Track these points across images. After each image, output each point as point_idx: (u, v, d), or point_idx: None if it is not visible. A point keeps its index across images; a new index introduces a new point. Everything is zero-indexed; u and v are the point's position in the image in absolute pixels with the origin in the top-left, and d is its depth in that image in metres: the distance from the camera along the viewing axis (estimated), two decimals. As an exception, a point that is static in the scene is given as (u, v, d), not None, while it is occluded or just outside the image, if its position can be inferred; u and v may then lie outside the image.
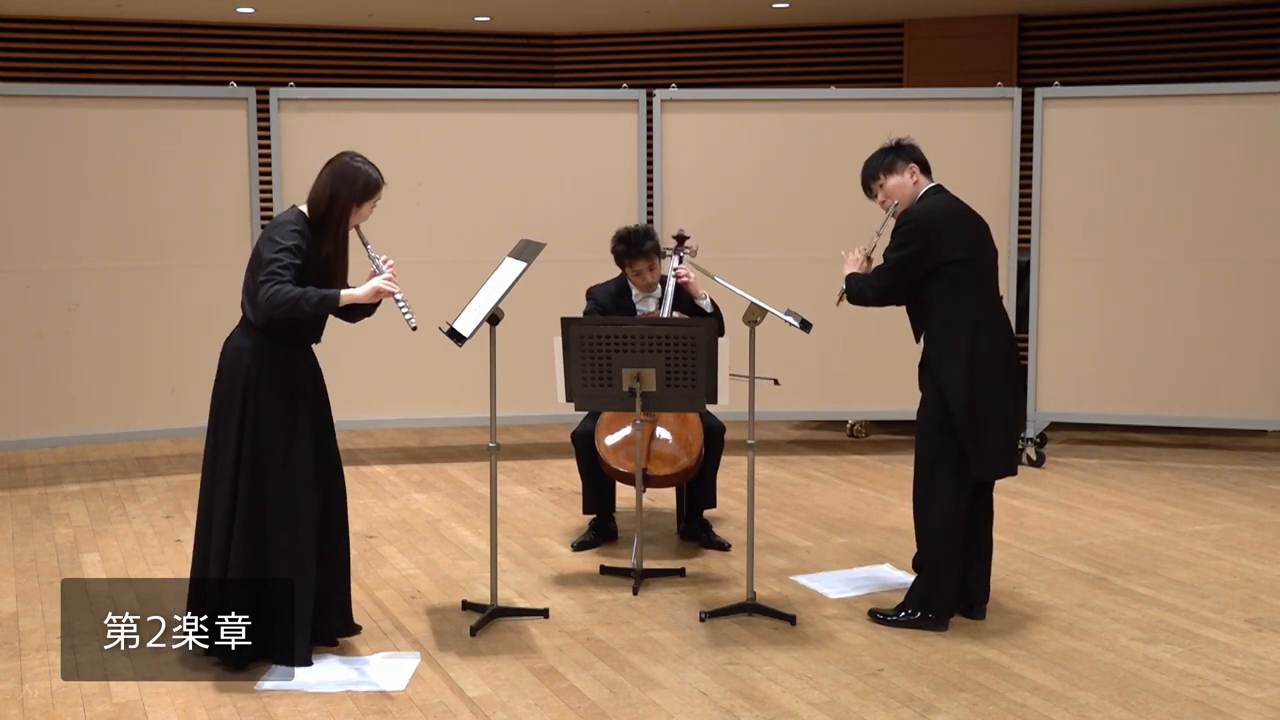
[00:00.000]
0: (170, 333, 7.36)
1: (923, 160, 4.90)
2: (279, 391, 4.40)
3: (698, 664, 4.45)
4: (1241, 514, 6.45)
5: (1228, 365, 7.61)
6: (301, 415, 4.44)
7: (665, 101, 7.74)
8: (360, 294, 4.36)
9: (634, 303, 5.86)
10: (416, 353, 7.38)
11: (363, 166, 4.47)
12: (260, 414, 4.36)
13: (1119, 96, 7.79)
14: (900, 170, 4.86)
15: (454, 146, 7.65)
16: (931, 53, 10.58)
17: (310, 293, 4.27)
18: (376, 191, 4.48)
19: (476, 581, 5.34)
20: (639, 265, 5.79)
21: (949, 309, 4.72)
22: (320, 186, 4.44)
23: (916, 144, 4.93)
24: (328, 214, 4.41)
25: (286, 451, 4.38)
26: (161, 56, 10.49)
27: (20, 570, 5.56)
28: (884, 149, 4.92)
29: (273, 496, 4.35)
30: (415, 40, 11.13)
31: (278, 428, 4.38)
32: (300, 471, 4.40)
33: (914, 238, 4.73)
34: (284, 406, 4.40)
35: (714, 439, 5.71)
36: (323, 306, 4.31)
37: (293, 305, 4.23)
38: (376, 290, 4.37)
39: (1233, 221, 7.56)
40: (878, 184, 4.90)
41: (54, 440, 7.40)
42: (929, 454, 4.80)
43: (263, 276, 4.25)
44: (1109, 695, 4.16)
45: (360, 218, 4.49)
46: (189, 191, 7.36)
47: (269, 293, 4.22)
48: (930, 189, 4.85)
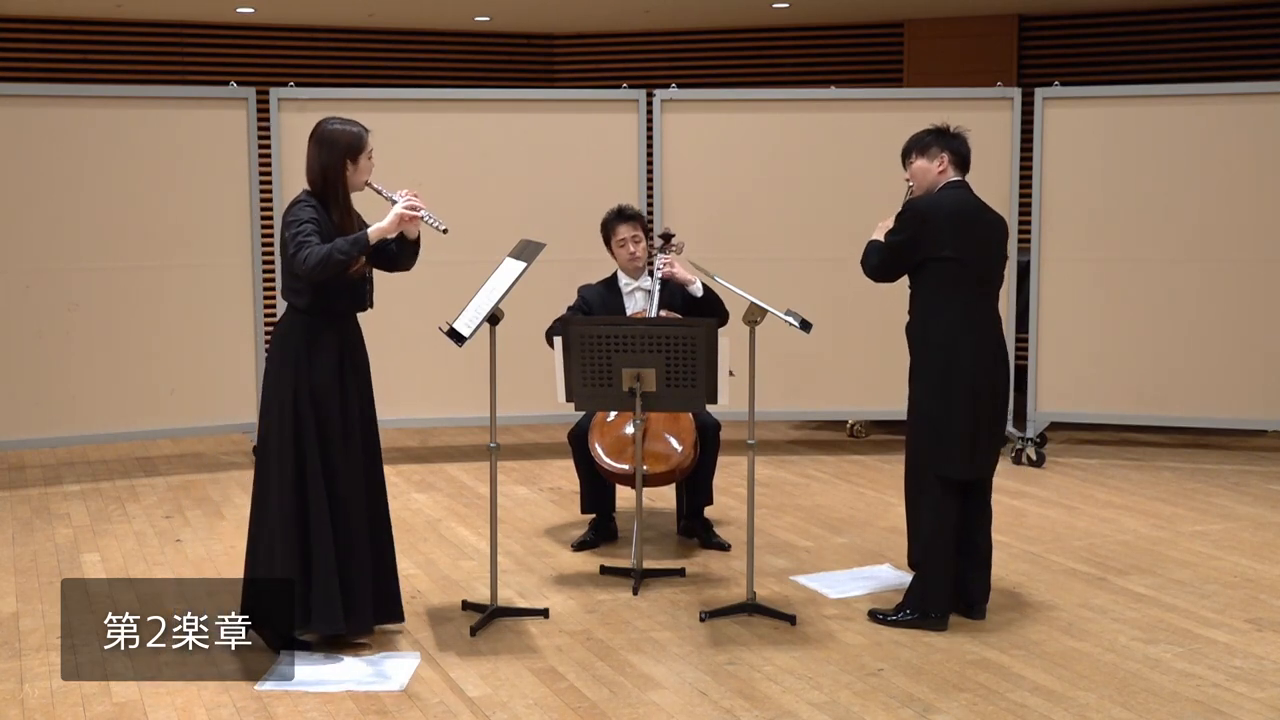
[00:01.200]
0: (170, 333, 7.36)
1: (960, 152, 4.87)
2: (329, 369, 4.48)
3: (698, 664, 4.45)
4: (1241, 514, 6.45)
5: (1228, 365, 7.61)
6: (349, 388, 4.53)
7: (665, 101, 7.75)
8: (385, 224, 4.40)
9: (623, 300, 5.88)
10: (416, 353, 7.40)
11: (341, 126, 4.51)
12: (315, 392, 4.46)
13: (1119, 96, 7.79)
14: (931, 155, 4.85)
15: (454, 146, 7.65)
16: (931, 53, 10.58)
17: (339, 242, 4.35)
18: (362, 145, 4.51)
19: (476, 581, 5.34)
20: (623, 232, 5.86)
21: (933, 304, 4.74)
22: (310, 160, 4.52)
23: (965, 135, 4.91)
24: (324, 183, 4.49)
25: (344, 425, 4.50)
26: (161, 56, 10.49)
27: (20, 570, 5.56)
28: (929, 129, 4.92)
29: (333, 471, 4.47)
30: (415, 40, 11.13)
31: (330, 404, 4.47)
32: (352, 446, 4.52)
33: (906, 225, 4.77)
34: (334, 382, 4.49)
35: (709, 435, 5.71)
36: (354, 249, 4.35)
37: (327, 259, 4.30)
38: (399, 216, 4.41)
39: (1232, 221, 7.56)
40: (910, 161, 4.92)
41: (54, 440, 7.40)
42: (916, 455, 4.83)
43: (292, 249, 4.35)
44: (1109, 695, 4.16)
45: (362, 174, 4.53)
46: (189, 191, 7.36)
47: (302, 257, 4.31)
48: (951, 183, 4.83)
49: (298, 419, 4.45)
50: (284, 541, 4.41)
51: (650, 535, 6.00)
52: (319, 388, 4.47)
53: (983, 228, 4.83)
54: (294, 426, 4.45)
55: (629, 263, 5.89)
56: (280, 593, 4.43)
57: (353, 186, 4.54)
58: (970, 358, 4.72)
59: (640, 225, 5.94)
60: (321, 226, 4.41)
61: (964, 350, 4.71)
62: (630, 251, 5.87)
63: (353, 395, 4.55)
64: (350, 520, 4.50)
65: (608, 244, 5.96)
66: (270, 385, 4.53)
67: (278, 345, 4.55)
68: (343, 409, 4.51)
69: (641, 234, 5.92)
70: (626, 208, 5.97)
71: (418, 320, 6.81)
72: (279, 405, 4.47)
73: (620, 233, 5.89)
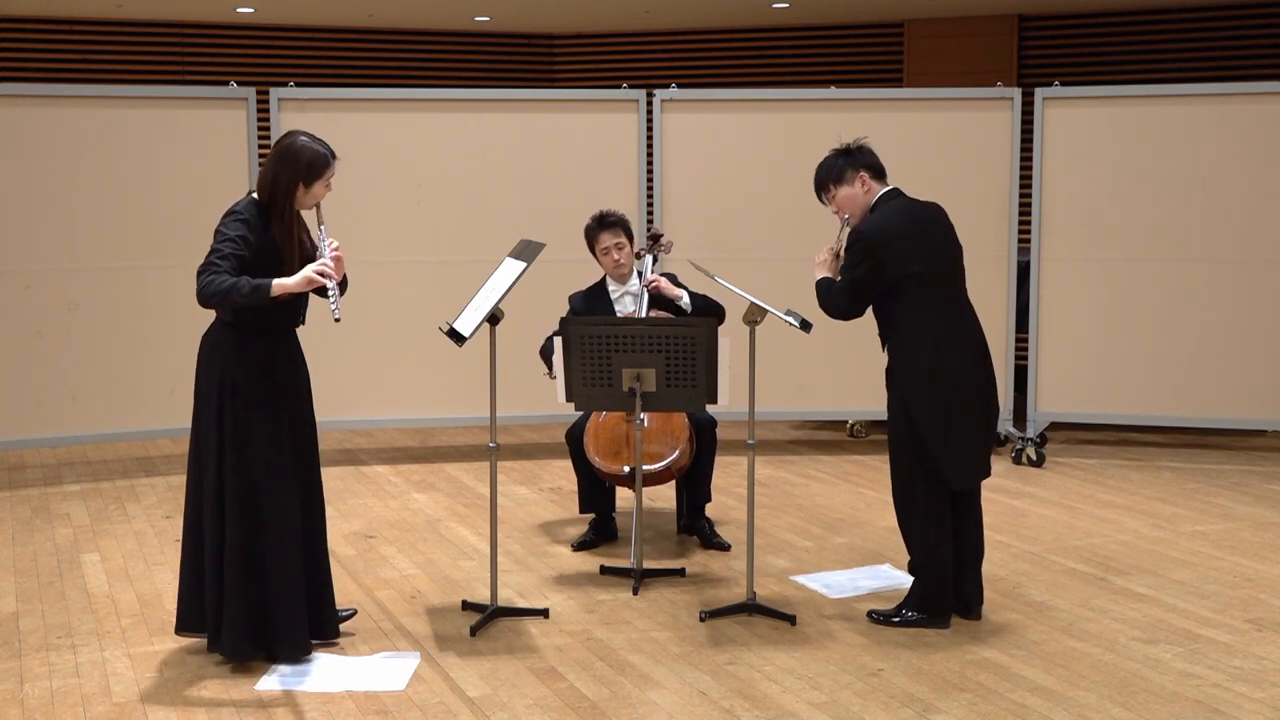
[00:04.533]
0: (170, 333, 7.35)
1: (874, 165, 4.77)
2: (257, 386, 4.32)
3: (698, 664, 4.45)
4: (1241, 514, 6.45)
5: (1228, 365, 7.61)
6: (281, 406, 4.37)
7: (665, 101, 7.74)
8: (291, 283, 4.14)
9: (612, 306, 5.87)
10: (416, 352, 7.40)
11: (307, 144, 4.32)
12: (238, 410, 4.30)
13: (1119, 96, 7.79)
14: (850, 180, 4.74)
15: (454, 146, 7.65)
16: (931, 53, 10.58)
17: (242, 283, 4.11)
18: (324, 169, 4.32)
19: (476, 581, 5.34)
20: (605, 240, 5.81)
21: (910, 324, 4.66)
22: (265, 169, 4.35)
23: (868, 145, 4.80)
24: (273, 197, 4.31)
25: (273, 444, 4.33)
26: (161, 56, 10.50)
27: (20, 570, 5.56)
28: (834, 154, 4.81)
29: (261, 492, 4.32)
30: (415, 40, 11.14)
31: (257, 422, 4.31)
32: (283, 465, 4.36)
33: (865, 257, 4.64)
34: (263, 400, 4.33)
35: (705, 432, 5.70)
36: (254, 297, 4.11)
37: (224, 296, 4.10)
38: (308, 279, 4.15)
39: (1232, 221, 7.56)
40: (828, 194, 4.82)
41: (54, 440, 7.40)
42: (902, 469, 4.76)
43: (200, 268, 4.16)
44: (1109, 695, 4.16)
45: (314, 198, 4.34)
46: (189, 192, 7.35)
47: (203, 283, 4.12)
48: (883, 195, 4.75)
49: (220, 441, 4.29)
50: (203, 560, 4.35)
51: (650, 535, 6.00)
52: (245, 409, 4.29)
53: (932, 229, 4.76)
54: (216, 452, 4.30)
55: (614, 269, 5.86)
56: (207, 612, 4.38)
57: (300, 206, 4.35)
58: (953, 368, 4.67)
59: (623, 231, 5.84)
60: (249, 245, 4.21)
61: (946, 362, 4.65)
62: (614, 259, 5.83)
63: (283, 415, 4.37)
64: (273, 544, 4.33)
65: (592, 251, 5.91)
66: (199, 402, 4.36)
67: (204, 358, 4.36)
68: (273, 430, 4.32)
69: (625, 240, 5.84)
70: (609, 214, 5.86)
71: (417, 320, 6.82)
72: (204, 425, 4.33)
73: (603, 240, 5.83)
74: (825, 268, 4.87)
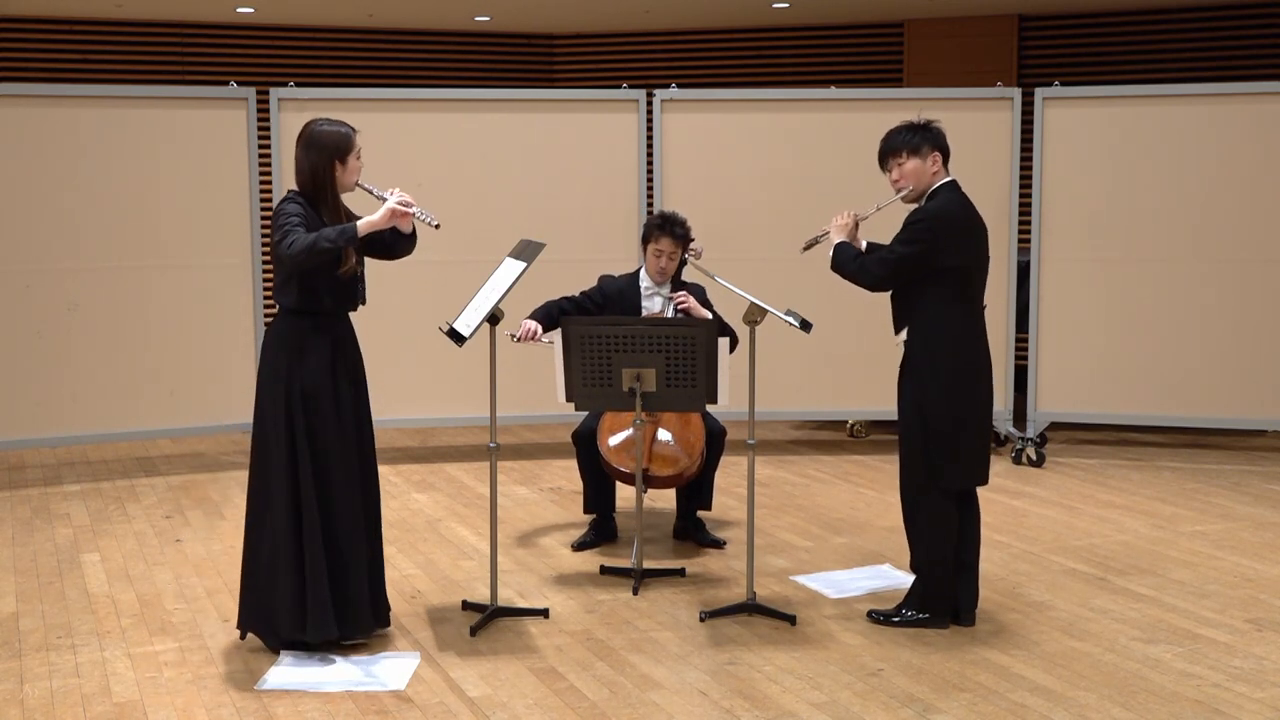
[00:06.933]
0: (170, 333, 7.37)
1: (947, 149, 4.74)
2: (323, 371, 4.45)
3: (698, 664, 4.45)
4: (1241, 514, 6.45)
5: (1228, 365, 7.61)
6: (344, 389, 4.51)
7: (665, 101, 7.75)
8: (376, 218, 4.35)
9: (641, 298, 5.85)
10: (416, 352, 7.40)
11: (327, 128, 4.49)
12: (306, 394, 4.42)
13: (1119, 96, 7.79)
14: (925, 155, 4.68)
15: (454, 146, 7.65)
16: (931, 53, 10.58)
17: (326, 231, 4.31)
18: (350, 145, 4.49)
19: (476, 581, 5.34)
20: (662, 243, 5.76)
21: (934, 316, 4.65)
22: (299, 162, 4.49)
23: (944, 129, 4.76)
24: (314, 184, 4.45)
25: (338, 428, 4.46)
26: (161, 56, 10.49)
27: (20, 570, 5.56)
28: (912, 126, 4.73)
29: (334, 475, 4.45)
30: (415, 40, 11.13)
31: (326, 405, 4.44)
32: (348, 449, 4.49)
33: (926, 237, 4.59)
34: (327, 386, 4.45)
35: (715, 441, 5.71)
36: (341, 238, 4.30)
37: (312, 245, 4.26)
38: (390, 211, 4.37)
39: (1232, 221, 7.56)
40: (897, 161, 4.71)
41: (54, 440, 7.40)
42: (913, 462, 4.74)
43: (278, 236, 4.30)
44: (1109, 695, 4.16)
45: (351, 175, 4.50)
46: (189, 191, 7.36)
47: (288, 243, 4.26)
48: (946, 184, 4.71)
49: (290, 425, 4.41)
50: (282, 553, 4.40)
51: (650, 535, 6.00)
52: (311, 391, 4.43)
53: (982, 232, 4.76)
54: (288, 434, 4.41)
55: (657, 273, 5.83)
56: (278, 604, 4.43)
57: (343, 187, 4.50)
58: (978, 368, 4.70)
59: (682, 245, 5.77)
60: (308, 223, 4.36)
61: (972, 362, 4.68)
62: (661, 265, 5.79)
63: (346, 397, 4.51)
64: (344, 525, 4.47)
65: (644, 244, 5.87)
66: (263, 390, 4.49)
67: (269, 348, 4.51)
68: (336, 412, 4.47)
69: (679, 253, 5.77)
70: (677, 225, 5.76)
71: (417, 320, 6.81)
72: (272, 412, 4.44)
73: (660, 243, 5.76)
74: (844, 231, 4.82)
